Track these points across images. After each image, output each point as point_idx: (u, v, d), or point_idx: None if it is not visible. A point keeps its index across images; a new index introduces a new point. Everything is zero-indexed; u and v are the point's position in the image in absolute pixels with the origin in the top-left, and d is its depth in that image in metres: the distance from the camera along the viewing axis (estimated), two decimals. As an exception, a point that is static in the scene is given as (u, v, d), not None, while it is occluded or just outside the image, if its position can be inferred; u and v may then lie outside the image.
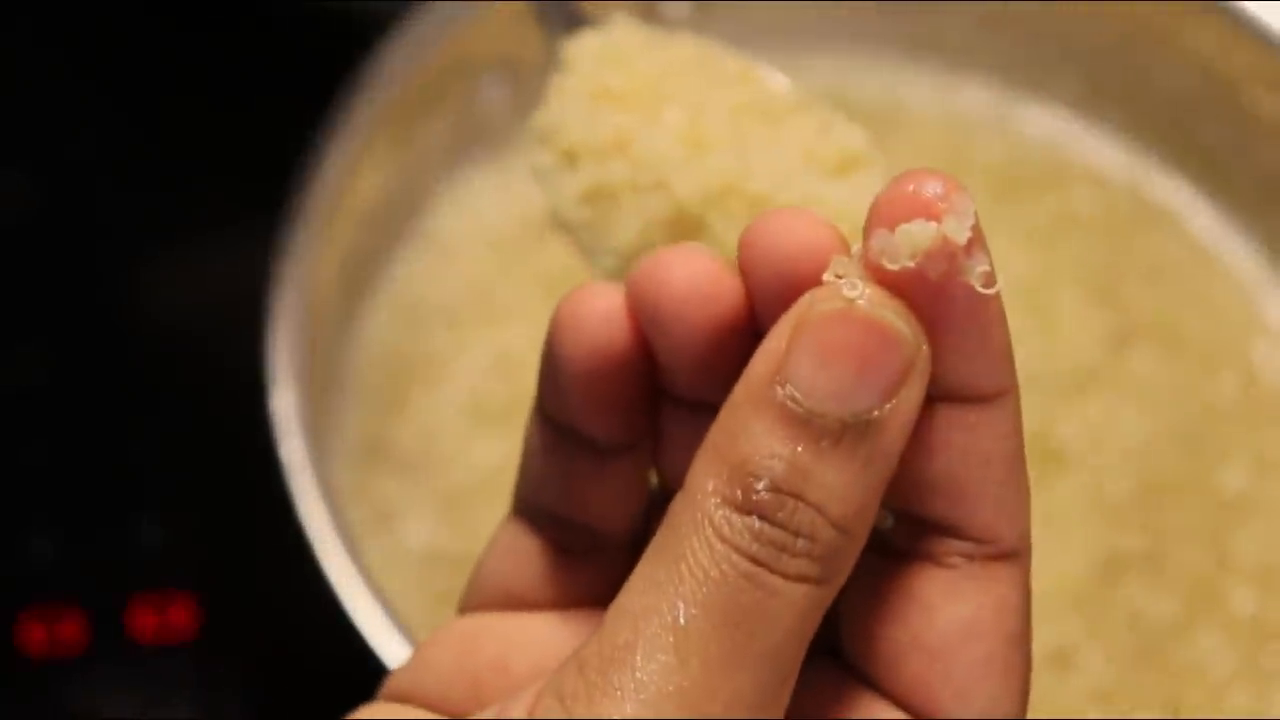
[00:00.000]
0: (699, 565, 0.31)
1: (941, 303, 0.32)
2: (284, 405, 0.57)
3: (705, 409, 0.34)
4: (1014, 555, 0.34)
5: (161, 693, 0.63)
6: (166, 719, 0.63)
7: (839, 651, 0.35)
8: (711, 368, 0.34)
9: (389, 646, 0.53)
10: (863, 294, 0.32)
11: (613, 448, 0.36)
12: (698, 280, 0.34)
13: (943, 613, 0.33)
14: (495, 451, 0.64)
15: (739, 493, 0.31)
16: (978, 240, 0.33)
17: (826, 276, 0.32)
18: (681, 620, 0.31)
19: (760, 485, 0.31)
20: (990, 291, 0.33)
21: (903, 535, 0.34)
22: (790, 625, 0.32)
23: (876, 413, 0.31)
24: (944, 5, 0.72)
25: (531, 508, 0.37)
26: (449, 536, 0.62)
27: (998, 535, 0.33)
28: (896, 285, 0.32)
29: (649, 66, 0.44)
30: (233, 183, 0.71)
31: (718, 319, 0.34)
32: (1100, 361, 0.67)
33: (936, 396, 0.33)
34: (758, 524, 0.31)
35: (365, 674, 0.45)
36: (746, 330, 0.34)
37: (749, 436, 0.31)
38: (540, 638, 0.36)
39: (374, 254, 0.67)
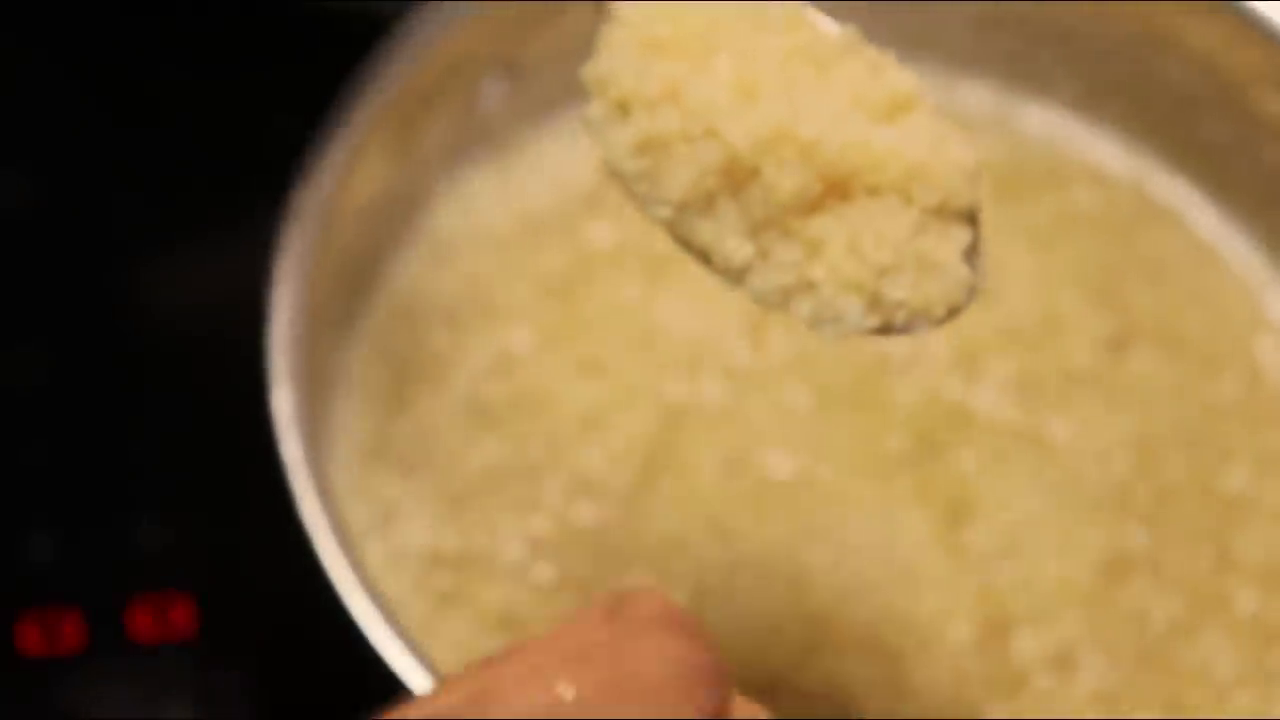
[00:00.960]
0: None
1: None
2: (284, 405, 0.57)
3: None
4: None
5: (161, 693, 0.63)
6: (166, 719, 0.63)
7: None
8: None
9: (389, 646, 0.53)
10: None
11: None
12: None
13: None
14: (495, 451, 0.64)
15: None
16: None
17: None
18: None
19: None
20: None
21: None
22: None
23: None
24: (943, 4, 0.72)
25: None
26: (449, 536, 0.62)
27: None
28: None
29: (697, 16, 0.44)
30: (232, 182, 0.71)
31: None
32: (1101, 361, 0.67)
33: None
34: None
35: (365, 674, 0.45)
36: None
37: None
38: None
39: (374, 254, 0.67)
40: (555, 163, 0.70)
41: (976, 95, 0.73)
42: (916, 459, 0.64)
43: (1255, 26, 0.67)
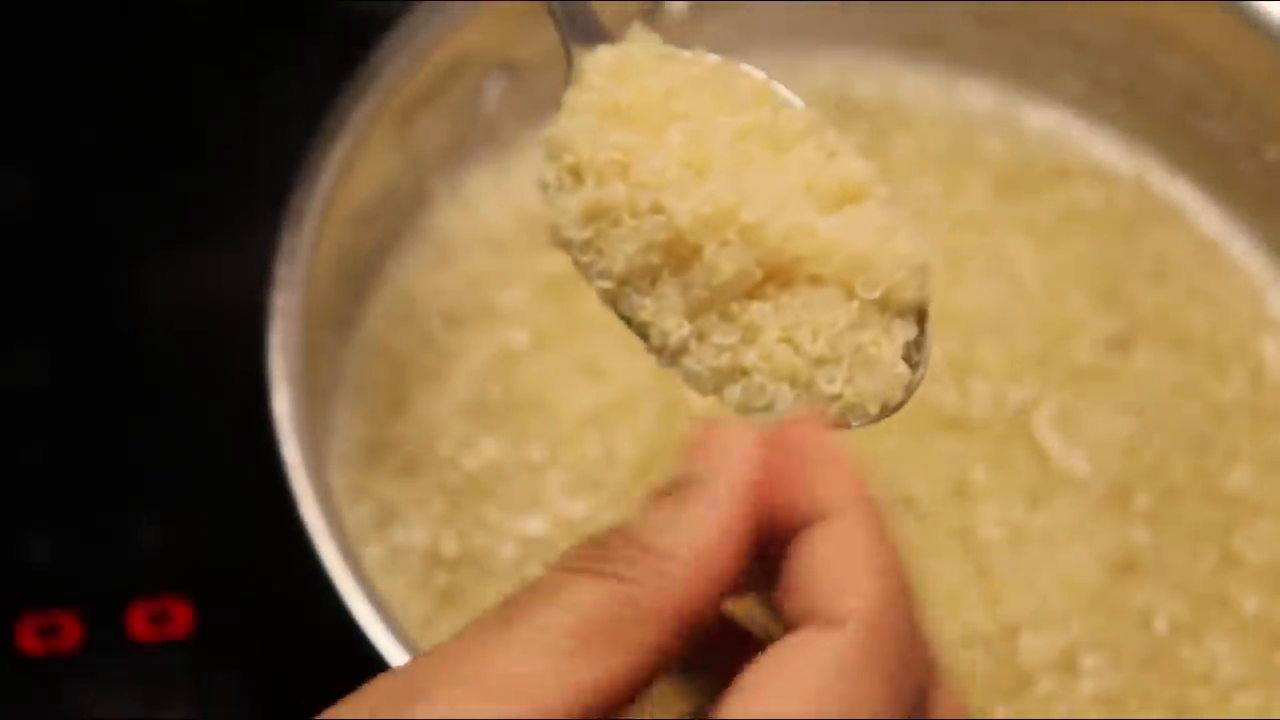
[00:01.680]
0: None
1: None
2: (284, 406, 0.57)
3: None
4: (841, 622, 0.38)
5: (160, 692, 0.63)
6: (165, 719, 0.63)
7: None
8: None
9: (389, 646, 0.53)
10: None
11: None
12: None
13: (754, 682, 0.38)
14: (495, 451, 0.64)
15: None
16: None
17: None
18: None
19: None
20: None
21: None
22: None
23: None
24: (945, 4, 0.71)
25: None
26: (449, 536, 0.62)
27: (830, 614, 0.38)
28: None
29: (660, 83, 0.44)
30: (232, 182, 0.71)
31: None
32: (1105, 359, 0.67)
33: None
34: None
35: (365, 674, 0.45)
36: None
37: None
38: None
39: (373, 254, 0.67)
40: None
41: (979, 94, 0.73)
42: (917, 459, 0.64)
43: (1257, 26, 0.67)
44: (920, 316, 0.44)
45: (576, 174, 0.43)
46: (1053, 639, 0.61)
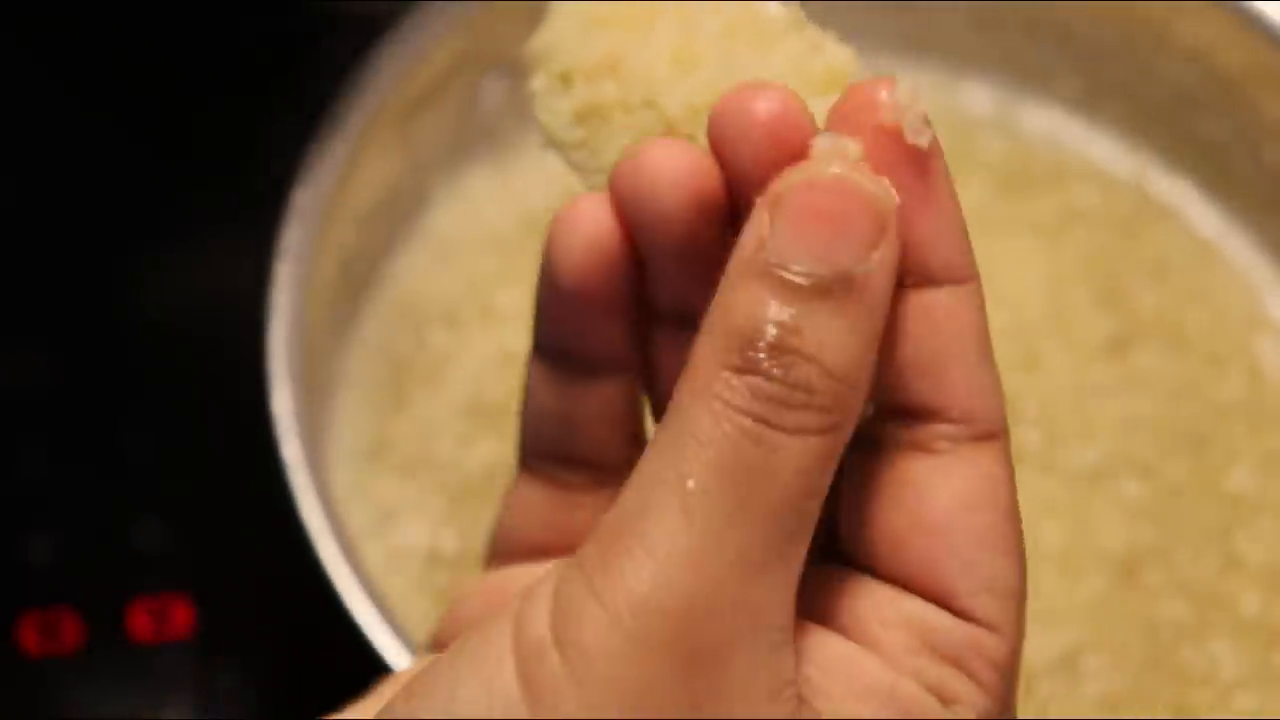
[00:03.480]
0: (703, 429, 0.33)
1: (906, 180, 0.35)
2: (284, 405, 0.57)
3: (691, 328, 0.35)
4: (994, 435, 0.35)
5: (160, 692, 0.63)
6: (165, 719, 0.63)
7: (840, 553, 0.36)
8: (695, 264, 0.36)
9: (389, 646, 0.53)
10: (836, 164, 0.34)
11: (605, 365, 0.37)
12: (677, 168, 0.36)
13: (938, 492, 0.35)
14: (495, 451, 0.64)
15: (736, 357, 0.33)
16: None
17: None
18: (689, 484, 0.32)
19: (756, 347, 0.33)
20: (937, 164, 0.36)
21: (887, 427, 0.35)
22: (795, 480, 0.33)
23: (860, 269, 0.33)
24: (943, 4, 0.72)
25: (534, 454, 0.39)
26: (449, 536, 0.62)
27: (977, 415, 0.35)
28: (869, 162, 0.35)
29: None
30: (232, 182, 0.71)
31: (698, 206, 0.36)
32: (1104, 359, 0.67)
33: (907, 281, 0.35)
34: (756, 382, 0.33)
35: (365, 673, 0.45)
36: (726, 222, 0.36)
37: (741, 304, 0.33)
38: None
39: (374, 254, 0.67)
40: (555, 163, 0.69)
41: (977, 94, 0.73)
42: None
43: (1255, 25, 0.67)
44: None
45: (566, 78, 0.44)
46: (1053, 642, 0.61)
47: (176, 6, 0.75)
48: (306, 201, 0.61)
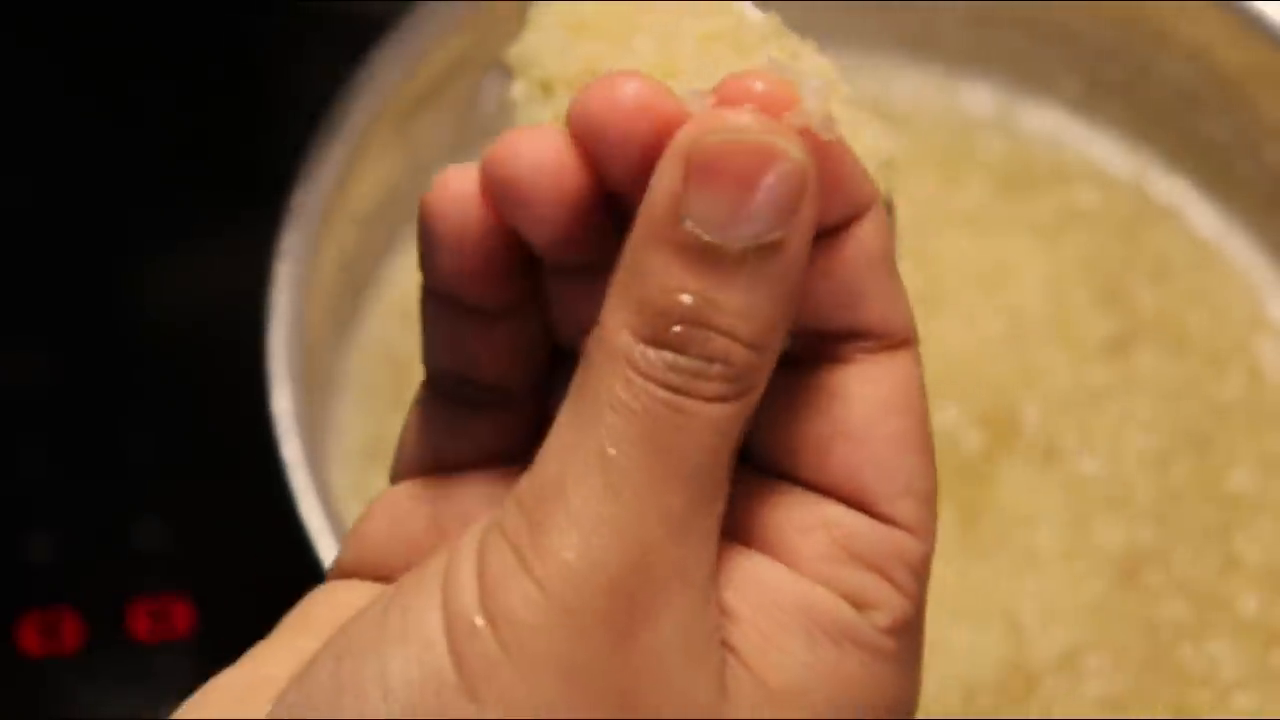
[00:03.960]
0: (619, 400, 0.32)
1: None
2: (284, 405, 0.57)
3: (585, 270, 0.35)
4: (907, 343, 0.35)
5: (160, 692, 0.63)
6: (164, 719, 0.63)
7: (756, 460, 0.36)
8: (574, 238, 0.35)
9: (388, 646, 0.53)
10: (749, 122, 0.33)
11: (499, 312, 0.37)
12: (542, 157, 0.34)
13: (859, 398, 0.35)
14: (495, 451, 0.63)
15: (651, 329, 0.32)
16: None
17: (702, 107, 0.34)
18: (610, 451, 0.32)
19: (671, 320, 0.32)
20: (832, 138, 0.34)
21: (805, 347, 0.35)
22: (713, 443, 0.33)
23: (776, 235, 0.33)
24: (943, 4, 0.71)
25: (436, 373, 0.38)
26: (449, 536, 0.62)
27: (891, 328, 0.35)
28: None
29: None
30: (232, 183, 0.71)
31: (568, 191, 0.34)
32: (1104, 360, 0.67)
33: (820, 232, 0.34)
34: (672, 357, 0.32)
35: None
36: (601, 194, 0.35)
37: (654, 272, 0.33)
38: (467, 496, 0.37)
39: (374, 254, 0.67)
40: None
41: (977, 95, 0.73)
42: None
43: (1255, 25, 0.67)
44: (887, 210, 0.45)
45: (547, 87, 0.44)
46: (1053, 641, 0.61)
47: (177, 7, 0.75)
48: (306, 202, 0.60)
